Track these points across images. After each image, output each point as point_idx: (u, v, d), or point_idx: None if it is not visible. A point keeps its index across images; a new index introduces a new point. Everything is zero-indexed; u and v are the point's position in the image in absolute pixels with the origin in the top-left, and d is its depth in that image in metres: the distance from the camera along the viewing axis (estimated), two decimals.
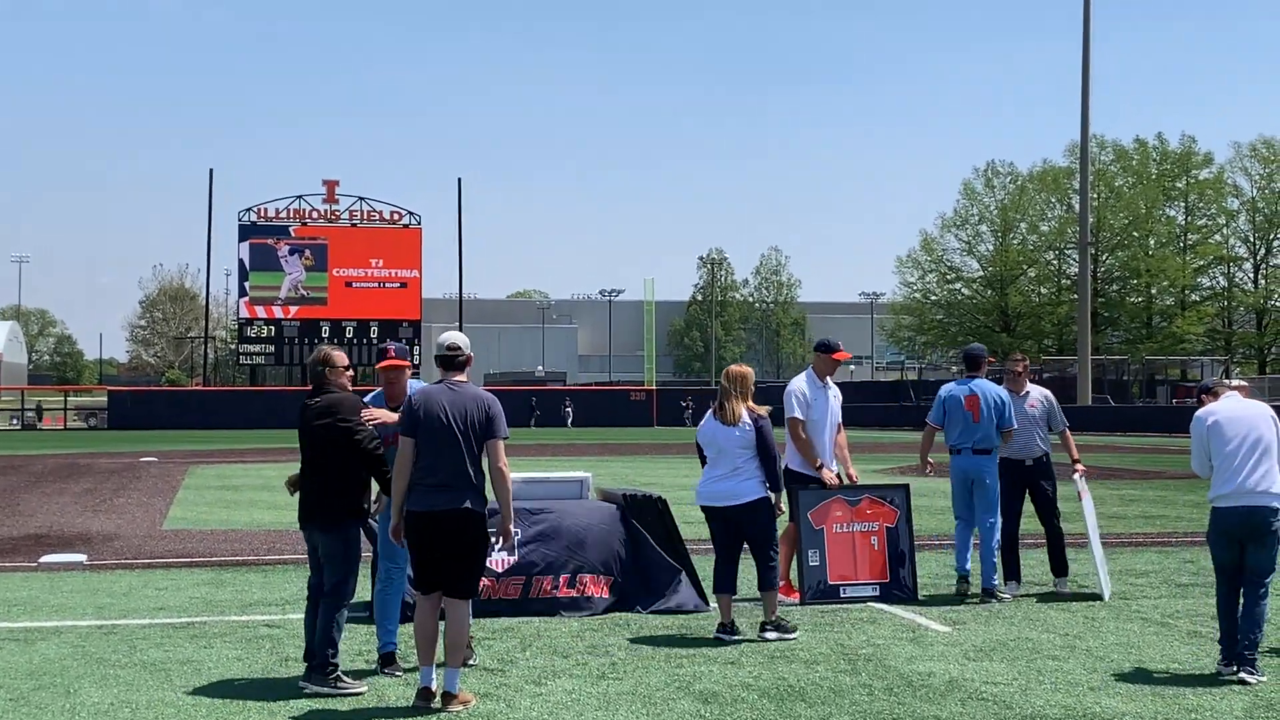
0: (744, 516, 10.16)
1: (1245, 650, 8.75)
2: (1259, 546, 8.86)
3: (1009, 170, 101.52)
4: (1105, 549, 15.13)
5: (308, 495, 8.59)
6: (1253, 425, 8.95)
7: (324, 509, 8.50)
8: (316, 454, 8.55)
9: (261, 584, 12.93)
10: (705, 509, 10.37)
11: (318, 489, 8.52)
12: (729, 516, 10.21)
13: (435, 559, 8.03)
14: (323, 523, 8.50)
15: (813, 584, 11.63)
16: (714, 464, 10.27)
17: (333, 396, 8.59)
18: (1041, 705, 7.92)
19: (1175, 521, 19.02)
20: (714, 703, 7.96)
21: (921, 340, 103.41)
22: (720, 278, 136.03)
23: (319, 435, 8.49)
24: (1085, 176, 34.05)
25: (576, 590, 11.05)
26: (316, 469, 8.55)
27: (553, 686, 8.40)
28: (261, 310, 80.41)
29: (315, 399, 8.61)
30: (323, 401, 8.56)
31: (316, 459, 8.55)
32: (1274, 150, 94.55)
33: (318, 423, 8.51)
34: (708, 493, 10.29)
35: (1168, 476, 30.06)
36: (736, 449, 10.11)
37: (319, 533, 8.54)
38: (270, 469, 33.06)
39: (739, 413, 10.15)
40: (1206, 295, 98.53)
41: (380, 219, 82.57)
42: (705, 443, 10.36)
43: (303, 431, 8.64)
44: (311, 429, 8.55)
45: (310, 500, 8.57)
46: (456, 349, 8.33)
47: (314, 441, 8.54)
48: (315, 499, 8.54)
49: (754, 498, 10.13)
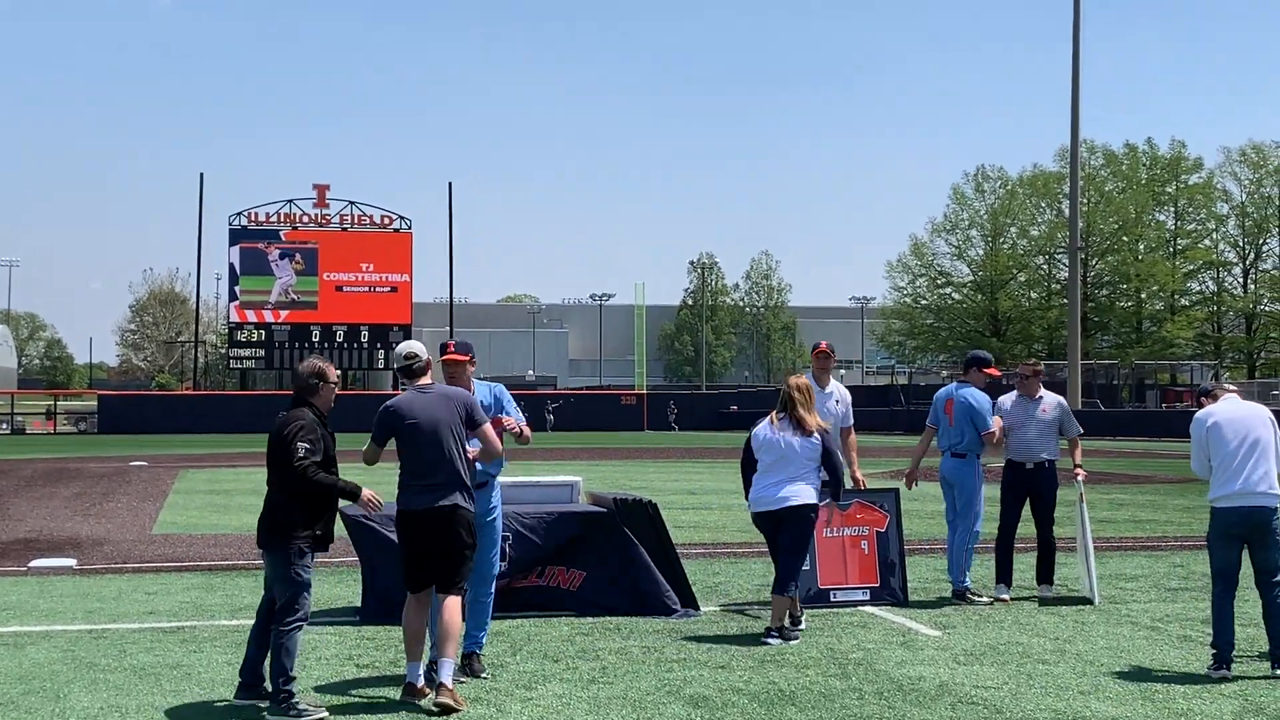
0: (785, 517, 10.24)
1: (1277, 649, 8.82)
2: (1264, 546, 8.92)
3: (999, 175, 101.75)
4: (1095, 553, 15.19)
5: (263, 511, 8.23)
6: (1251, 426, 9.01)
7: (266, 528, 8.17)
8: (269, 471, 8.26)
9: (252, 589, 12.90)
10: (755, 515, 10.48)
11: (265, 506, 8.20)
12: (777, 520, 10.29)
13: (425, 557, 8.15)
14: (266, 542, 8.17)
15: (803, 589, 11.62)
16: (772, 470, 10.34)
17: (294, 413, 8.34)
18: (1031, 709, 7.93)
19: (1165, 526, 19.04)
20: (704, 707, 7.96)
21: (912, 345, 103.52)
22: (711, 282, 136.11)
23: (275, 453, 8.18)
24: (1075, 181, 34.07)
25: (545, 580, 11.13)
26: (268, 485, 8.26)
27: (543, 691, 8.39)
28: (252, 314, 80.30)
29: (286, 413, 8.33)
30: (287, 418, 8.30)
31: (269, 476, 8.26)
32: (1263, 155, 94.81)
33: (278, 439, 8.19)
34: (759, 498, 10.39)
35: (1158, 481, 30.13)
36: (804, 458, 10.26)
37: (265, 553, 8.22)
38: (260, 473, 32.96)
39: (811, 423, 10.32)
40: (1196, 300, 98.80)
41: (371, 223, 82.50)
42: (764, 449, 10.42)
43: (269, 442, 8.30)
44: (272, 444, 8.23)
45: (260, 518, 8.22)
46: (413, 356, 8.51)
47: (270, 458, 8.23)
48: (261, 517, 8.20)
49: (801, 502, 10.22)
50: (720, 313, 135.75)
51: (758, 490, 10.43)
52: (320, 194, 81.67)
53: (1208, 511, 9.22)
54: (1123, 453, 44.21)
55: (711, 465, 38.23)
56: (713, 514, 20.70)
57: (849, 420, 12.20)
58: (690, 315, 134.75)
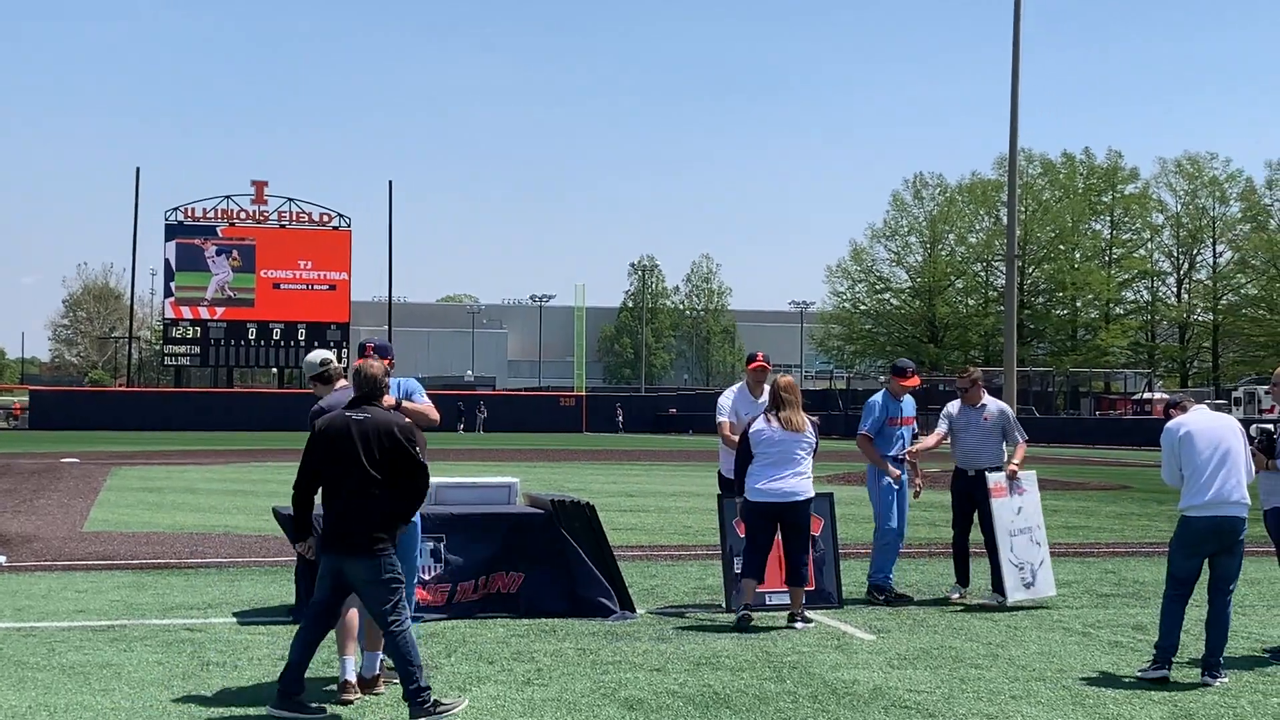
0: (790, 512, 10.97)
1: (1211, 657, 8.95)
2: (1228, 555, 9.04)
3: (938, 182, 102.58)
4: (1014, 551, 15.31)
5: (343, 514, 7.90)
6: (1223, 437, 9.09)
7: (367, 532, 7.88)
8: (371, 472, 7.92)
9: (183, 587, 12.79)
10: (757, 505, 11.01)
11: (362, 509, 7.88)
12: (778, 513, 10.95)
13: None
14: (364, 547, 7.85)
15: (739, 593, 11.63)
16: (775, 465, 10.98)
17: (390, 414, 8.20)
18: (964, 713, 7.98)
19: (1097, 532, 19.22)
20: (639, 709, 7.96)
21: (850, 350, 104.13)
22: (651, 285, 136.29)
23: (386, 454, 7.91)
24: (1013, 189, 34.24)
25: (488, 589, 11.12)
26: (363, 486, 7.92)
27: (477, 693, 8.36)
28: (187, 311, 79.67)
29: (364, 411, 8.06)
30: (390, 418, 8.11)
31: (367, 477, 7.92)
32: (1198, 167, 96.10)
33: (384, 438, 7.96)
34: (768, 490, 10.95)
35: (1091, 488, 30.42)
36: (802, 453, 11.02)
37: (358, 558, 7.86)
38: (194, 471, 32.75)
39: (803, 421, 11.09)
40: (1130, 309, 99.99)
41: (309, 220, 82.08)
42: (763, 445, 11.02)
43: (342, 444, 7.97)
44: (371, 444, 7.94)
45: (348, 522, 7.88)
46: (327, 363, 8.86)
47: (378, 459, 7.91)
48: (355, 521, 7.86)
49: (806, 496, 11.05)
50: (660, 315, 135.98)
51: (762, 482, 10.98)
52: (258, 190, 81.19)
53: (1139, 519, 9.32)
54: (1057, 459, 44.59)
55: (649, 467, 38.26)
56: (650, 516, 20.70)
57: None
58: (630, 317, 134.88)
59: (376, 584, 7.77)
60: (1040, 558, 12.18)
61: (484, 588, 11.11)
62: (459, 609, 10.96)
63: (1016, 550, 12.10)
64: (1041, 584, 12.17)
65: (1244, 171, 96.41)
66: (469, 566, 11.00)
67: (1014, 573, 12.07)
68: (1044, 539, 12.30)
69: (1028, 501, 12.29)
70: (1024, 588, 12.09)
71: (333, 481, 7.92)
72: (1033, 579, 12.12)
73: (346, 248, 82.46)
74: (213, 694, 8.26)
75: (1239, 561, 9.13)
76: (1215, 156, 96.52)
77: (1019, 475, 12.30)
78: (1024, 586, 12.09)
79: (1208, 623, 9.04)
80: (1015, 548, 12.09)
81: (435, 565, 10.89)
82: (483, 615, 10.98)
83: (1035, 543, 12.19)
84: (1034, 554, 12.17)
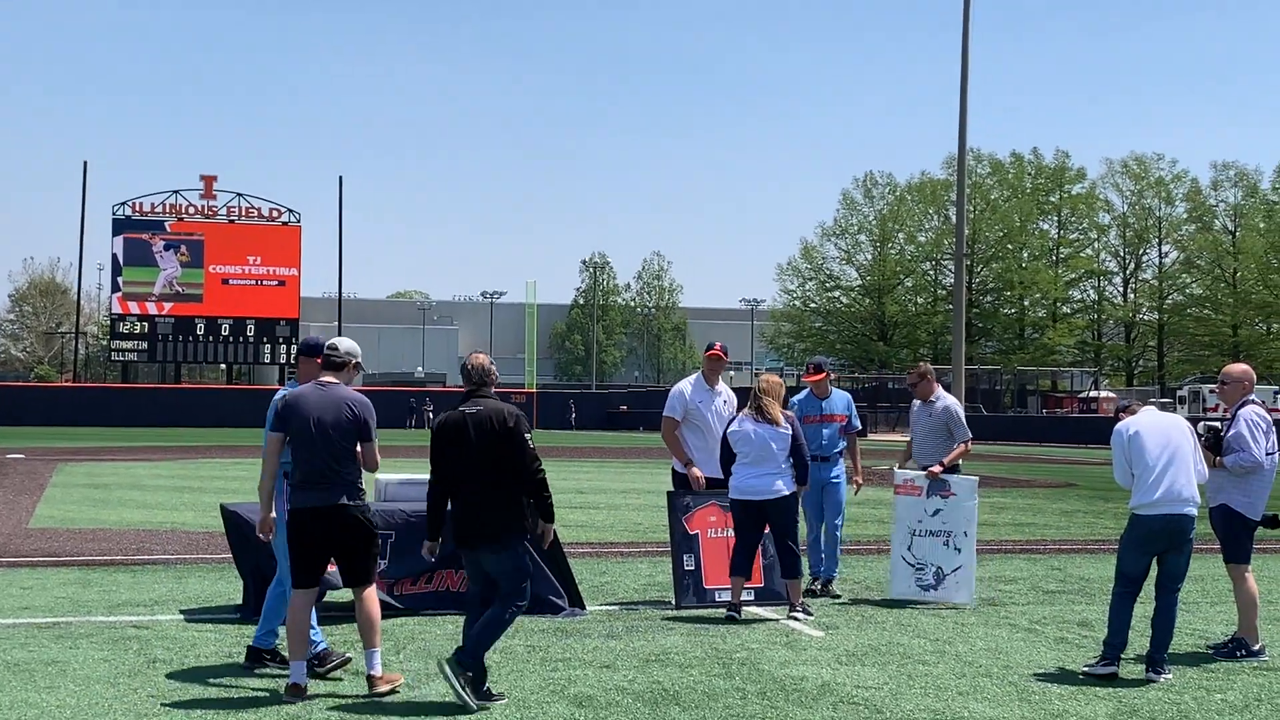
0: (773, 509, 11.05)
1: (1156, 653, 9.05)
2: (1176, 553, 9.14)
3: (888, 181, 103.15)
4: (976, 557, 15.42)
5: (472, 509, 8.23)
6: (1171, 436, 9.19)
7: (500, 523, 8.22)
8: (491, 465, 8.23)
9: (130, 584, 12.71)
10: (738, 501, 11.18)
11: (489, 502, 8.21)
12: (761, 509, 11.08)
13: (321, 554, 8.38)
14: (492, 537, 8.21)
15: (688, 588, 11.68)
16: (753, 462, 11.10)
17: (505, 405, 8.42)
18: (911, 709, 8.03)
19: (1044, 530, 19.37)
20: (588, 706, 7.97)
21: (801, 347, 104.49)
22: (602, 282, 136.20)
23: (502, 446, 8.21)
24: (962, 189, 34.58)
25: (435, 585, 11.11)
26: (486, 479, 8.23)
27: (426, 691, 8.35)
28: (135, 306, 79.05)
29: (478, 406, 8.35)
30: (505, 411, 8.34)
31: (489, 468, 8.22)
32: (1145, 167, 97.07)
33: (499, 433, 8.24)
34: (745, 487, 11.12)
35: (1037, 485, 30.64)
36: (776, 449, 11.06)
37: (488, 548, 8.23)
38: (141, 467, 32.51)
39: (779, 416, 11.14)
40: (1077, 308, 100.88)
41: (259, 216, 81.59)
42: (740, 442, 11.17)
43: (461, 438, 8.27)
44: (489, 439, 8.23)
45: (475, 514, 8.22)
46: (334, 349, 8.66)
47: (494, 452, 8.21)
48: (486, 513, 8.20)
49: (787, 493, 11.10)
50: (611, 312, 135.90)
51: (742, 480, 11.14)
52: (207, 185, 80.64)
53: (1085, 516, 9.41)
54: (1004, 457, 44.91)
55: (600, 465, 38.27)
56: (600, 514, 20.71)
57: None
58: (581, 315, 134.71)
59: (506, 573, 8.19)
60: (957, 564, 12.01)
61: (431, 583, 11.09)
62: (408, 599, 10.93)
63: (916, 549, 12.03)
64: (950, 590, 11.99)
65: (1189, 172, 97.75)
66: (417, 564, 10.96)
67: (904, 570, 12.06)
68: (968, 547, 12.09)
69: (953, 506, 12.15)
70: (918, 587, 12.00)
71: (455, 476, 8.26)
72: (935, 582, 11.98)
73: (296, 243, 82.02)
74: (159, 691, 8.20)
75: (1187, 559, 9.23)
76: (1161, 157, 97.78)
77: (947, 479, 12.24)
78: (919, 586, 12.00)
79: (1154, 619, 9.14)
80: (915, 546, 12.04)
81: (381, 562, 10.84)
82: (432, 611, 10.96)
83: (954, 548, 12.03)
84: (947, 558, 12.01)
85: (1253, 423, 9.76)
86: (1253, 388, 10.17)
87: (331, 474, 8.25)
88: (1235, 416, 9.88)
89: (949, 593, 12.03)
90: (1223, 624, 11.03)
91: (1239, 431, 9.74)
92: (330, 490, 8.25)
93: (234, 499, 13.97)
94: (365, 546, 8.39)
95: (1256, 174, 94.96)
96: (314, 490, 8.25)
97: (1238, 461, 9.69)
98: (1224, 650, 9.86)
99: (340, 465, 8.27)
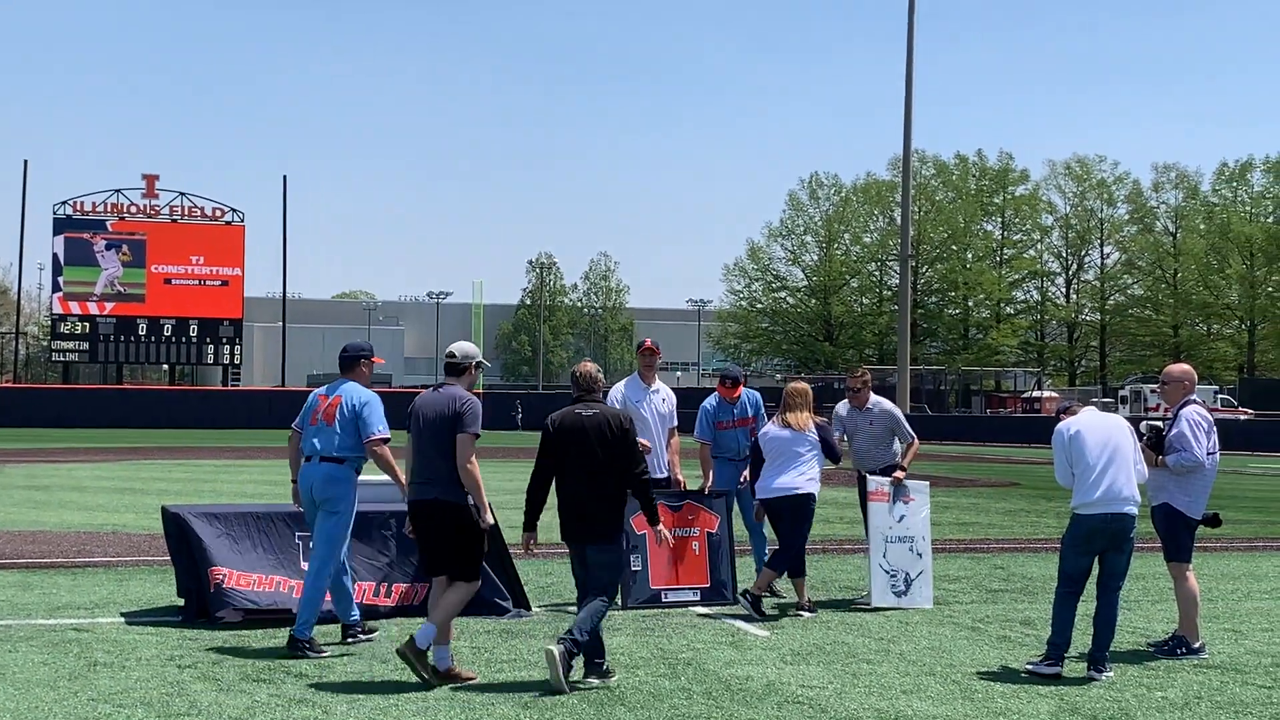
0: (785, 505, 11.40)
1: (1098, 651, 9.11)
2: (1117, 552, 9.22)
3: (833, 182, 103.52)
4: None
5: (583, 506, 8.81)
6: (1111, 435, 9.26)
7: (605, 519, 8.83)
8: (603, 463, 8.82)
9: (70, 587, 12.57)
10: (764, 501, 11.59)
11: (595, 499, 8.80)
12: (778, 507, 11.45)
13: (433, 545, 8.96)
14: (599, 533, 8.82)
15: (637, 591, 11.68)
16: (780, 465, 11.48)
17: (613, 409, 9.21)
18: (855, 708, 8.06)
19: (987, 529, 19.50)
20: (534, 707, 7.95)
21: (747, 348, 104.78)
22: (549, 282, 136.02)
23: (613, 447, 8.82)
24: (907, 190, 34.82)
25: (391, 600, 11.05)
26: (594, 477, 8.80)
27: (370, 692, 8.30)
28: (76, 306, 78.19)
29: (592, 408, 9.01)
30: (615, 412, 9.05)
31: (599, 467, 8.80)
32: (1087, 169, 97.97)
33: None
34: (768, 487, 11.49)
35: (981, 484, 30.84)
36: (802, 452, 11.46)
37: (594, 544, 8.84)
38: (82, 469, 32.18)
39: (806, 422, 11.55)
40: (1021, 308, 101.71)
41: (202, 215, 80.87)
42: (769, 445, 11.57)
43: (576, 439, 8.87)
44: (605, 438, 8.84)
45: (584, 510, 8.82)
46: (451, 355, 9.29)
47: (607, 451, 8.81)
48: (593, 509, 8.80)
49: (802, 491, 11.42)
50: (558, 313, 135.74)
51: (767, 481, 11.51)
52: (149, 184, 79.84)
53: (1029, 515, 9.48)
54: (949, 457, 45.17)
55: None
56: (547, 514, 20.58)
57: (674, 421, 12.50)
58: (528, 315, 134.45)
59: (604, 566, 8.79)
60: (920, 569, 12.09)
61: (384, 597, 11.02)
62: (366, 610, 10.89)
63: (890, 556, 12.05)
64: (916, 595, 12.05)
65: (1131, 174, 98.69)
66: (364, 570, 10.91)
67: (883, 578, 12.03)
68: (927, 551, 12.20)
69: (913, 511, 12.23)
70: (893, 594, 12.01)
71: (566, 474, 8.87)
72: (905, 588, 12.03)
73: (240, 243, 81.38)
74: (100, 694, 8.12)
75: (1128, 558, 9.31)
76: (1103, 159, 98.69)
77: (907, 485, 12.30)
78: (893, 593, 12.02)
79: (1095, 618, 9.21)
80: (889, 554, 12.05)
81: None
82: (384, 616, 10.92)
83: (916, 553, 12.11)
84: (912, 564, 12.09)
85: (1194, 423, 9.85)
86: (1194, 388, 10.27)
87: (436, 471, 8.83)
88: (1177, 416, 9.97)
89: (914, 598, 12.04)
90: (1164, 622, 11.13)
91: (1181, 431, 9.83)
92: (433, 486, 8.84)
93: (176, 500, 13.86)
94: (462, 541, 8.85)
95: (1197, 176, 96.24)
96: (419, 485, 8.90)
97: (1179, 461, 9.78)
98: (1165, 648, 9.96)
99: (445, 462, 8.80)
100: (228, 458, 38.95)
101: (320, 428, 9.71)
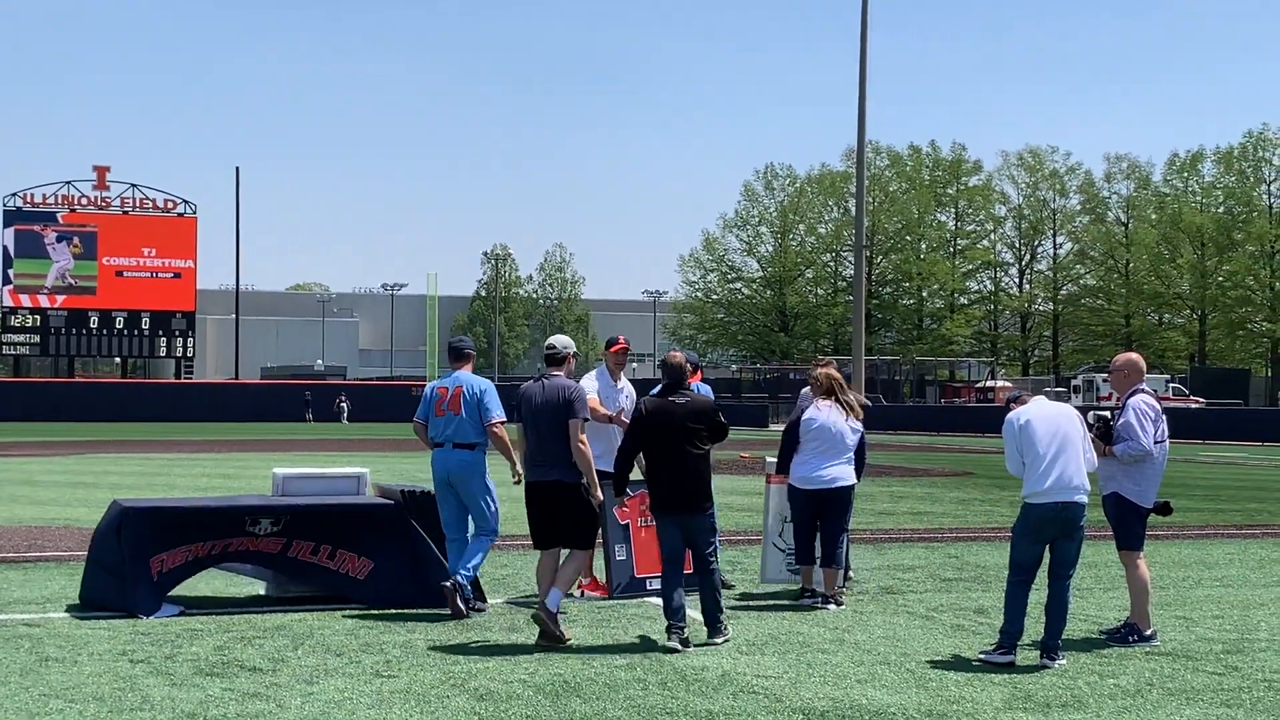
0: (832, 497, 11.34)
1: (1050, 639, 9.17)
2: (1068, 541, 9.27)
3: (788, 173, 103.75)
4: (874, 545, 15.60)
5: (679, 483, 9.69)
6: (1061, 425, 9.31)
7: (702, 492, 9.81)
8: (696, 442, 9.76)
9: (21, 582, 12.46)
10: (800, 491, 11.43)
11: (691, 474, 9.72)
12: (822, 498, 11.33)
13: (547, 520, 10.04)
14: (697, 506, 9.77)
15: (620, 578, 11.70)
16: (824, 454, 11.32)
17: (703, 396, 10.39)
18: (810, 698, 8.09)
19: (941, 518, 19.60)
20: (489, 700, 7.94)
21: (703, 339, 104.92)
22: (504, 273, 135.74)
23: (708, 427, 9.87)
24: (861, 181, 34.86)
25: (334, 564, 10.95)
26: (688, 455, 9.72)
27: (324, 685, 8.27)
28: (26, 299, 77.51)
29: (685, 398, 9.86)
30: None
31: (693, 446, 9.73)
32: (1039, 160, 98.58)
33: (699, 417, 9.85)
34: (811, 477, 11.36)
35: (935, 474, 31.00)
36: (851, 442, 11.44)
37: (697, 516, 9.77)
38: (34, 462, 31.91)
39: (858, 407, 11.62)
40: (974, 299, 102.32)
41: (154, 207, 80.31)
42: (815, 433, 11.33)
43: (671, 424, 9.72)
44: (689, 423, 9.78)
45: (681, 487, 9.70)
46: (551, 347, 10.32)
47: (700, 432, 9.80)
48: (689, 484, 9.71)
49: (850, 482, 11.47)
50: (514, 304, 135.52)
51: (808, 469, 11.36)
52: (100, 176, 79.20)
53: (982, 504, 9.54)
54: (903, 446, 45.38)
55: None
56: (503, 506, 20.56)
57: None
58: (483, 306, 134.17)
59: (705, 531, 9.80)
60: None
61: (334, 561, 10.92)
62: (301, 567, 10.88)
63: (786, 536, 12.13)
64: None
65: (1083, 165, 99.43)
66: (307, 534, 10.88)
67: (776, 555, 12.21)
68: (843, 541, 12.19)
69: None
70: (788, 572, 12.14)
71: (660, 455, 9.73)
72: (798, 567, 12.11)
73: (192, 235, 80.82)
74: (52, 690, 8.05)
75: (1079, 547, 9.37)
76: (1056, 150, 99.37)
77: None
78: (789, 571, 12.14)
79: (1047, 606, 9.27)
80: (785, 533, 12.13)
81: (270, 526, 10.75)
82: (329, 596, 10.90)
83: None
84: None
85: (1141, 412, 9.92)
86: (1143, 377, 10.34)
87: (551, 454, 9.90)
88: (1125, 405, 10.04)
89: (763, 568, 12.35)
90: (1115, 610, 11.22)
91: (1128, 420, 9.90)
92: (550, 468, 9.90)
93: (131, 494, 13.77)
94: (579, 515, 9.95)
95: (1148, 166, 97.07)
96: (539, 467, 9.95)
97: (1126, 450, 9.86)
98: (1117, 636, 10.03)
99: (558, 446, 9.86)
100: (181, 451, 38.71)
101: (449, 417, 10.83)
